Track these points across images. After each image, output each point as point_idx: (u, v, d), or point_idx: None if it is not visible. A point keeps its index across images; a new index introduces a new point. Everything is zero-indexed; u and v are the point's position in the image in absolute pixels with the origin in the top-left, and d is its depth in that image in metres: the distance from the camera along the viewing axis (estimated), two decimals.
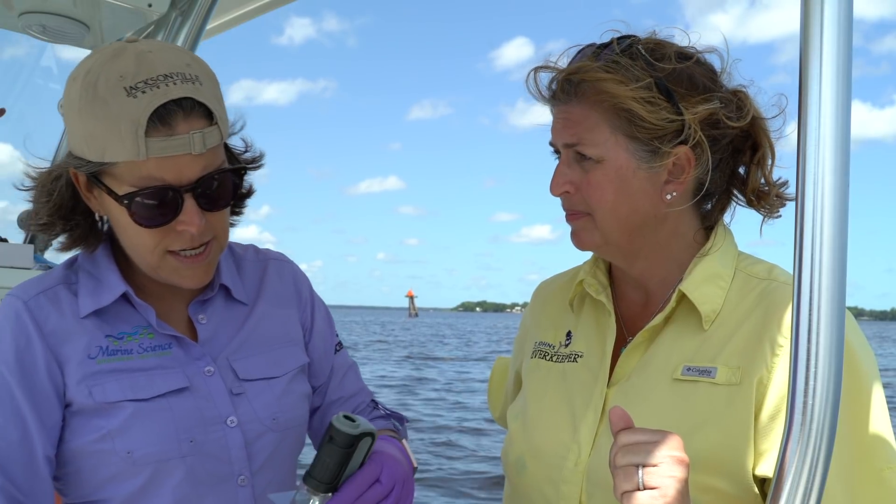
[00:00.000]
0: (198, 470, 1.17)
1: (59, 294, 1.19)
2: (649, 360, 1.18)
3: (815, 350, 0.84)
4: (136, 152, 1.04)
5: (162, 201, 1.08)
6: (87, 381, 1.14)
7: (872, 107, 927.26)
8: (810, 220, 0.85)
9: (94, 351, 1.16)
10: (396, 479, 1.11)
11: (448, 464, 9.78)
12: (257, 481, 1.22)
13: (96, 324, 1.18)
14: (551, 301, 1.41)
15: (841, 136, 0.84)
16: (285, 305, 1.35)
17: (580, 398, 1.22)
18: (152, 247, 1.12)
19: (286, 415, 1.26)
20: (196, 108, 1.07)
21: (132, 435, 1.13)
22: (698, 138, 1.12)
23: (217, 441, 1.18)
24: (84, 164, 1.10)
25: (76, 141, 1.10)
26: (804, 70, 0.85)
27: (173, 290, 1.24)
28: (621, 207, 1.16)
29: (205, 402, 1.19)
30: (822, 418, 0.83)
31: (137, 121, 1.03)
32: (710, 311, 1.16)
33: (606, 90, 1.12)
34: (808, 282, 0.84)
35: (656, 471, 0.92)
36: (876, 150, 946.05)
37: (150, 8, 2.09)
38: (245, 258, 1.36)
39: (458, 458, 10.16)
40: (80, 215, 1.19)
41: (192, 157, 1.07)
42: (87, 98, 1.06)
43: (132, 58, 1.07)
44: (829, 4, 0.83)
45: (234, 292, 1.29)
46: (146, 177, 1.06)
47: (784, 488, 0.84)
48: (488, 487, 8.58)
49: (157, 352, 1.19)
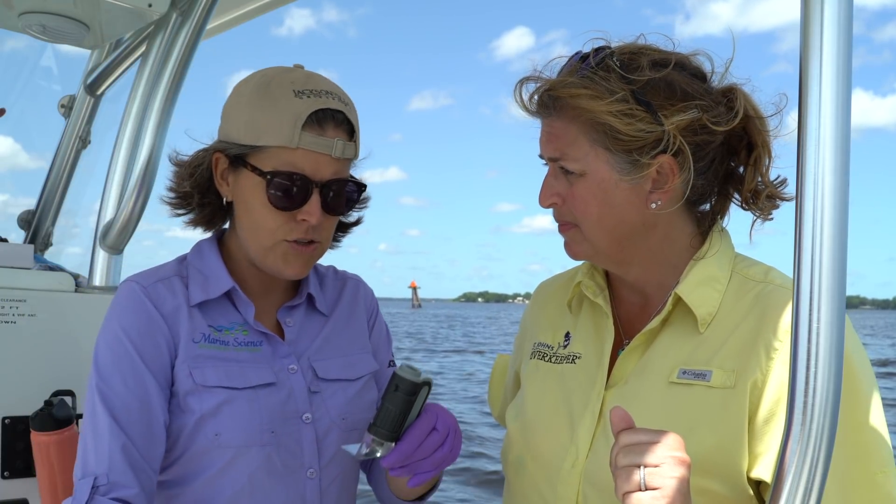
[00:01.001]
0: (274, 459, 1.28)
1: (173, 283, 1.33)
2: (646, 363, 1.18)
3: (815, 350, 0.84)
4: (291, 139, 1.22)
5: (296, 187, 1.24)
6: (189, 363, 1.27)
7: (875, 95, 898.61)
8: (810, 220, 0.85)
9: (198, 336, 1.30)
10: (450, 426, 1.22)
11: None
12: (324, 475, 1.33)
13: (201, 314, 1.32)
14: (550, 302, 1.41)
15: (841, 135, 0.84)
16: (358, 319, 1.50)
17: (578, 400, 1.23)
18: (273, 229, 1.27)
19: (355, 416, 1.37)
20: (344, 124, 1.27)
21: (221, 419, 1.25)
22: (679, 146, 1.11)
23: (292, 434, 1.30)
24: (234, 146, 1.27)
25: (233, 127, 1.28)
26: (804, 70, 0.85)
27: (267, 294, 1.39)
28: (606, 219, 1.16)
29: (287, 398, 1.31)
30: (822, 418, 0.83)
31: (299, 115, 1.22)
32: (706, 314, 1.16)
33: (581, 106, 1.12)
34: (808, 282, 0.84)
35: (658, 471, 0.91)
36: (878, 139, 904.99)
37: (150, 8, 2.09)
38: (327, 276, 1.52)
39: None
40: (212, 196, 1.36)
41: (330, 160, 1.25)
42: (258, 93, 1.26)
43: (303, 74, 1.29)
44: (829, 4, 0.83)
45: (317, 302, 1.43)
46: (289, 163, 1.23)
47: (784, 488, 0.84)
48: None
49: (250, 347, 1.32)
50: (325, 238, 1.33)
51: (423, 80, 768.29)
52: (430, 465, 1.19)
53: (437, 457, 1.19)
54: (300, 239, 1.28)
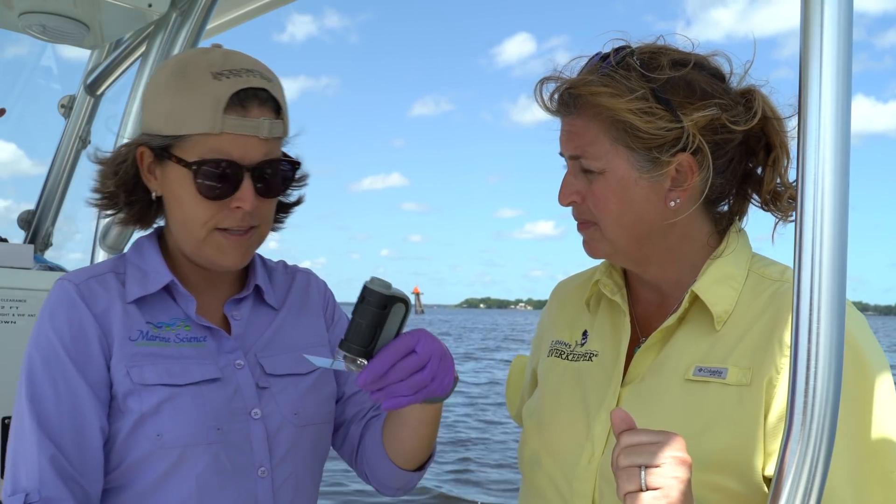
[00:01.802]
0: (221, 458, 1.22)
1: (107, 280, 1.27)
2: (663, 361, 1.19)
3: (815, 350, 0.84)
4: (213, 125, 1.16)
5: (225, 175, 1.18)
6: (126, 362, 1.21)
7: (876, 101, 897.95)
8: (810, 220, 0.85)
9: (135, 334, 1.23)
10: (433, 353, 1.12)
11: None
12: (277, 474, 1.27)
13: (138, 311, 1.25)
14: (569, 301, 1.41)
15: (841, 135, 0.84)
16: (311, 314, 1.43)
17: (594, 397, 1.23)
18: (205, 220, 1.21)
19: (308, 411, 1.32)
20: (269, 102, 1.21)
21: (163, 419, 1.19)
22: (699, 144, 1.12)
23: (241, 431, 1.24)
24: (157, 138, 1.20)
25: (153, 117, 1.21)
26: (804, 71, 0.85)
27: (212, 288, 1.32)
28: (626, 217, 1.16)
29: (233, 394, 1.25)
30: (822, 418, 0.83)
31: (219, 99, 1.16)
32: (722, 312, 1.16)
33: (602, 104, 1.13)
34: (809, 282, 0.85)
35: (659, 471, 0.92)
36: (879, 145, 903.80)
37: (150, 8, 2.09)
38: (276, 269, 1.46)
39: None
40: (140, 192, 1.28)
41: (258, 141, 1.19)
42: (175, 78, 1.19)
43: (220, 53, 1.22)
44: (829, 5, 0.83)
45: (265, 295, 1.37)
46: (215, 149, 1.17)
47: (784, 488, 0.85)
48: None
49: (193, 343, 1.26)
50: (264, 222, 1.27)
51: (425, 85, 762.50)
52: (406, 388, 1.10)
53: (416, 380, 1.10)
54: (235, 227, 1.22)
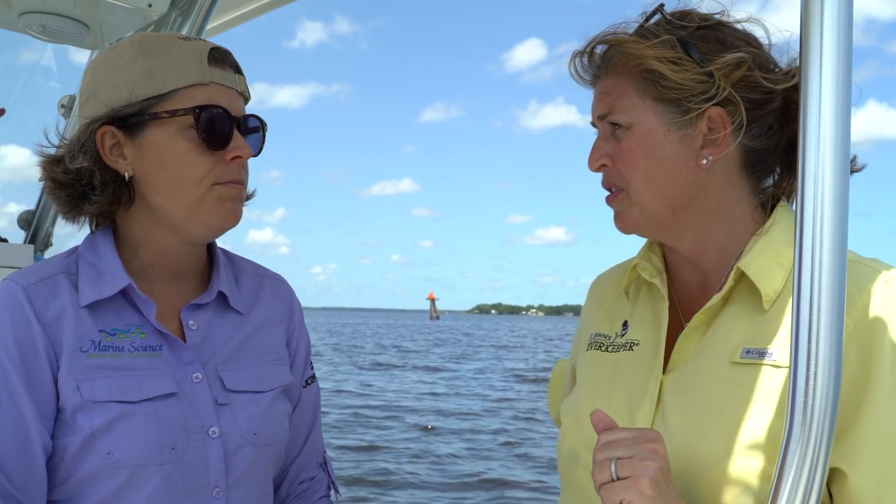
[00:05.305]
0: (174, 478, 1.14)
1: (58, 283, 1.17)
2: (707, 344, 1.14)
3: (815, 350, 0.84)
4: (202, 75, 1.15)
5: (223, 121, 1.16)
6: (77, 375, 1.12)
7: (889, 107, 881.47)
8: (810, 220, 0.85)
9: (87, 345, 1.14)
10: None
11: None
12: (231, 494, 1.20)
13: (91, 317, 1.16)
14: (607, 292, 1.37)
15: (841, 136, 0.84)
16: (276, 323, 1.36)
17: (636, 387, 1.19)
18: (203, 174, 1.16)
19: (267, 430, 1.25)
20: (234, 63, 1.22)
21: (114, 437, 1.11)
22: (729, 96, 1.09)
23: (197, 451, 1.16)
24: (133, 105, 1.14)
25: (118, 91, 1.15)
26: (804, 71, 0.85)
27: (173, 291, 1.24)
28: (654, 173, 1.13)
29: (189, 410, 1.17)
30: (822, 418, 0.83)
31: (201, 52, 1.16)
32: (772, 291, 1.10)
33: (629, 52, 1.12)
34: (809, 282, 0.84)
35: (629, 462, 0.96)
36: (892, 151, 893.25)
37: (150, 8, 2.09)
38: (244, 271, 1.37)
39: None
40: (107, 177, 1.18)
41: (237, 94, 1.20)
42: (142, 46, 1.17)
43: (176, 34, 1.26)
44: (829, 6, 0.83)
45: (230, 300, 1.28)
46: (207, 99, 1.16)
47: (784, 488, 0.85)
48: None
49: (148, 352, 1.18)
50: (247, 180, 1.23)
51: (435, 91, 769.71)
52: None
53: None
54: (232, 179, 1.18)
